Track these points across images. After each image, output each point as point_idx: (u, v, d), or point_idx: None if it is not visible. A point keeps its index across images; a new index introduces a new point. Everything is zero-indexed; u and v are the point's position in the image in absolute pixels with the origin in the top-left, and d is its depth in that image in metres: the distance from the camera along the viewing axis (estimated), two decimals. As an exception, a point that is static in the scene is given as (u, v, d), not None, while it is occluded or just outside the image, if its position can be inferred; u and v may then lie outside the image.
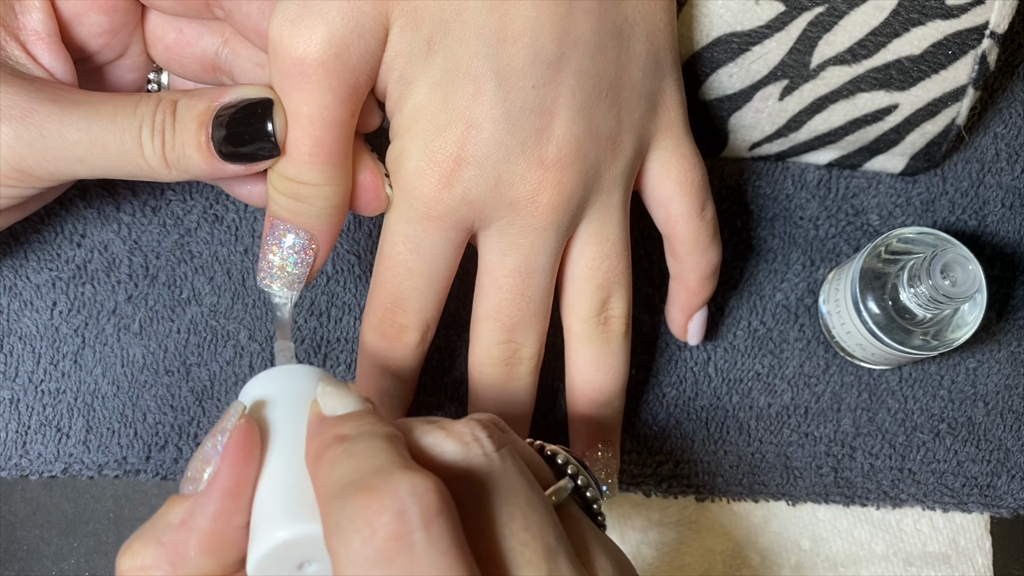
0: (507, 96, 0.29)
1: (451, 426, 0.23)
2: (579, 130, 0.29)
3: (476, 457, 0.23)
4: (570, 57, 0.29)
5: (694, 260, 0.34)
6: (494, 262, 0.31)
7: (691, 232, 0.33)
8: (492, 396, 0.33)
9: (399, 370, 0.33)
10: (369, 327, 0.32)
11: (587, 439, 0.35)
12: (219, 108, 0.28)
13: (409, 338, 0.32)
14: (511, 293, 0.31)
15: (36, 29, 0.29)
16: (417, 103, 0.29)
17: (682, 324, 0.36)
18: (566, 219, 0.30)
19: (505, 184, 0.29)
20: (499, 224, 0.30)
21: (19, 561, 0.36)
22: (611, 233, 0.32)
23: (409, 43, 0.28)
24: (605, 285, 0.32)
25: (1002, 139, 0.40)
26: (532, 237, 0.30)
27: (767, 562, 0.38)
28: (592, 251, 0.32)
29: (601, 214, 0.31)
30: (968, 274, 0.33)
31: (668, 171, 0.33)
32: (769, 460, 0.38)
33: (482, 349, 0.32)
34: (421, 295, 0.31)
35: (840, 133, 0.37)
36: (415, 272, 0.31)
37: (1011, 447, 0.39)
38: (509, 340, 0.32)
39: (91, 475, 0.36)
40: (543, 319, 0.32)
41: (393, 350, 0.32)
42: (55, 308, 0.36)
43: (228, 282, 0.37)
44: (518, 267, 0.31)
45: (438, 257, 0.31)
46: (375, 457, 0.21)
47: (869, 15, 0.33)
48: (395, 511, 0.20)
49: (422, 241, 0.30)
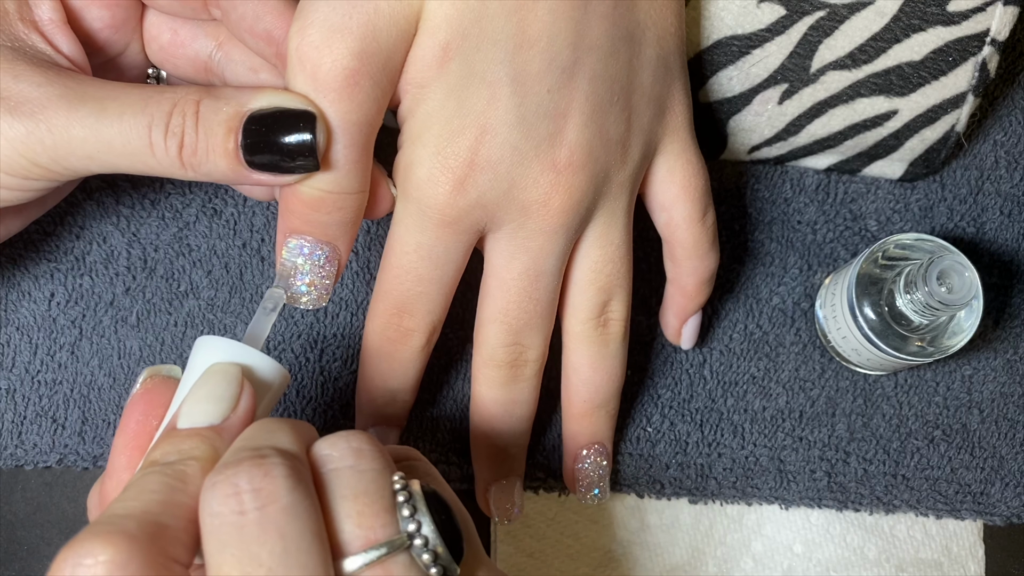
0: (522, 101, 0.29)
1: (219, 474, 0.21)
2: (591, 134, 0.29)
3: (228, 515, 0.20)
4: (584, 62, 0.29)
5: (692, 265, 0.34)
6: (502, 265, 0.31)
7: (691, 237, 0.33)
8: (496, 398, 0.33)
9: (403, 373, 0.33)
10: (373, 331, 0.32)
11: (581, 441, 0.35)
12: (250, 114, 0.27)
13: (415, 341, 0.32)
14: (519, 296, 0.31)
15: (51, 18, 0.29)
16: (430, 109, 0.29)
17: (676, 328, 0.36)
18: (575, 222, 0.30)
19: (518, 188, 0.29)
20: (510, 227, 0.30)
21: (19, 561, 0.36)
22: (615, 237, 0.32)
23: (425, 48, 0.28)
24: (607, 288, 0.32)
25: (1001, 147, 0.40)
26: (542, 240, 0.30)
27: (760, 566, 0.38)
28: (596, 254, 0.32)
29: (607, 218, 0.31)
30: (964, 281, 0.33)
31: (673, 175, 0.33)
32: (763, 463, 0.38)
33: (487, 351, 0.32)
34: (430, 299, 0.31)
35: (839, 138, 0.37)
36: (425, 278, 0.31)
37: (1005, 455, 0.39)
38: (515, 343, 0.32)
39: (86, 466, 0.36)
40: (548, 322, 0.32)
41: (397, 353, 0.32)
42: (53, 299, 0.36)
43: (226, 276, 0.37)
44: (527, 270, 0.31)
45: (449, 262, 0.31)
46: (135, 501, 0.21)
47: (870, 20, 0.33)
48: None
49: (435, 248, 0.30)
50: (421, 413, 0.37)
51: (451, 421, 0.37)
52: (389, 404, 0.34)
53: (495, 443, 0.34)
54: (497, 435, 0.34)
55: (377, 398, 0.33)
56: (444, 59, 0.28)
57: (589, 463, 0.35)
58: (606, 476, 0.35)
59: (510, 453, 0.34)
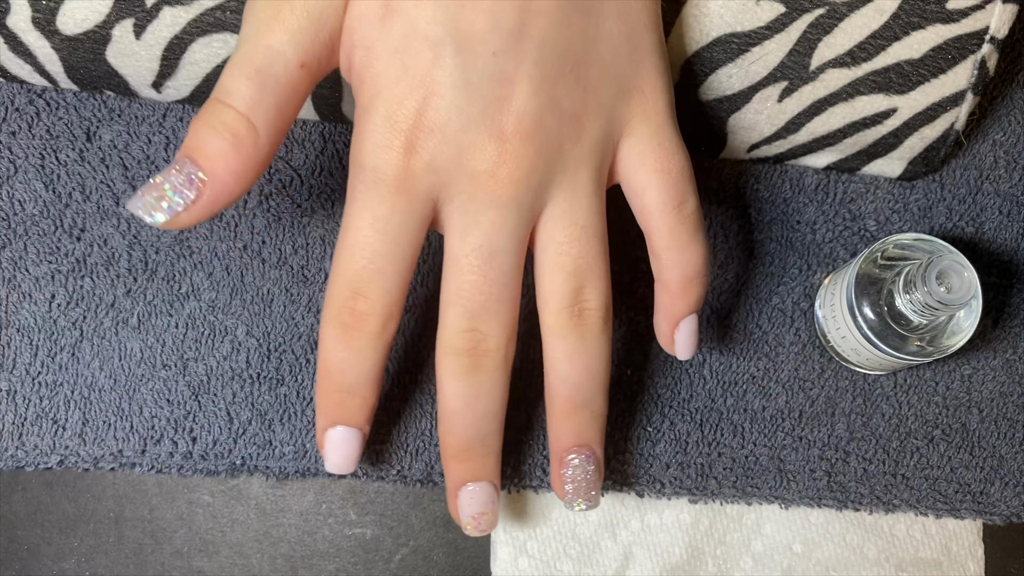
0: (466, 63, 0.28)
1: None
2: (541, 103, 0.29)
3: None
4: (532, 26, 0.28)
5: (672, 258, 0.32)
6: (456, 242, 0.30)
7: (666, 225, 0.31)
8: (456, 391, 0.31)
9: (360, 364, 0.31)
10: (327, 318, 0.30)
11: (563, 444, 0.32)
12: None
13: (370, 326, 0.30)
14: (473, 275, 0.30)
15: None
16: (377, 71, 0.28)
17: (668, 334, 0.34)
18: (528, 196, 0.29)
19: (467, 155, 0.29)
20: (460, 199, 0.29)
21: (20, 560, 0.36)
22: (580, 217, 0.30)
23: (367, 6, 0.28)
24: (576, 273, 0.30)
25: (1001, 146, 0.40)
26: (492, 214, 0.29)
27: (759, 565, 0.38)
28: (560, 235, 0.30)
29: (568, 196, 0.30)
30: (964, 281, 0.33)
31: (644, 159, 0.31)
32: (763, 463, 0.38)
33: (447, 337, 0.30)
34: (385, 278, 0.29)
35: (839, 136, 0.37)
36: (380, 252, 0.29)
37: (1005, 454, 0.39)
38: (472, 328, 0.30)
39: (87, 467, 0.36)
40: (510, 309, 0.30)
41: (353, 340, 0.30)
42: (54, 301, 0.37)
43: (227, 278, 0.37)
44: (480, 246, 0.29)
45: (404, 235, 0.29)
46: None
47: (869, 18, 0.33)
48: None
49: (390, 220, 0.29)
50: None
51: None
52: (348, 399, 0.31)
53: (458, 440, 0.32)
54: (460, 432, 0.31)
55: (335, 393, 0.31)
56: (386, 16, 0.28)
57: (573, 469, 0.32)
58: (595, 484, 0.33)
59: (475, 452, 0.32)
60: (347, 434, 0.32)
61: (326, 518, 0.38)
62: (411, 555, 0.38)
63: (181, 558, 0.37)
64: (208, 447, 0.36)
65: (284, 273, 0.37)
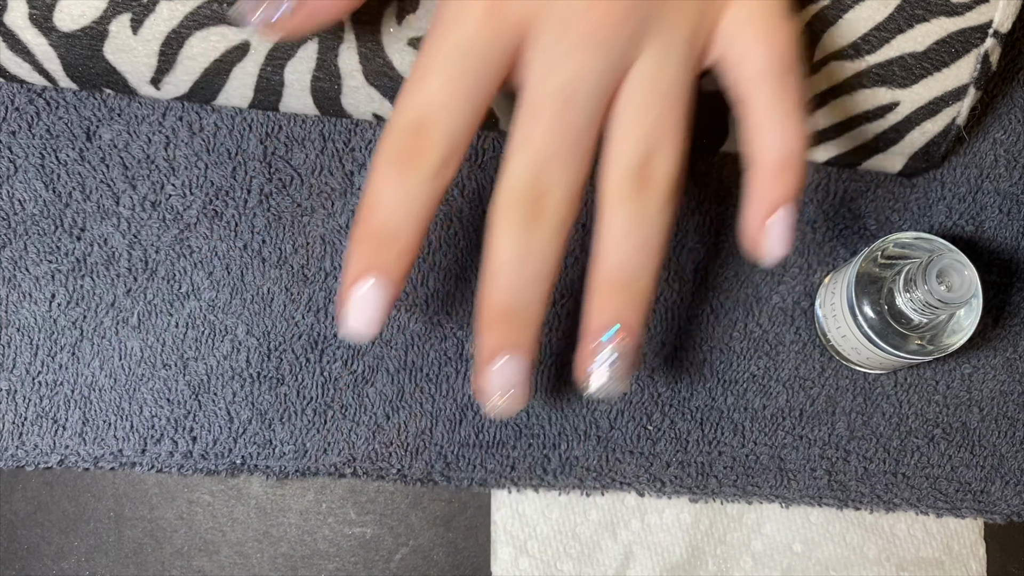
0: None
1: None
2: None
3: None
4: None
5: (771, 131, 0.29)
6: (535, 84, 0.27)
7: (767, 94, 0.28)
8: (509, 245, 0.28)
9: (408, 204, 0.27)
10: (379, 154, 0.27)
11: (592, 324, 0.29)
12: None
13: (430, 161, 0.27)
14: (548, 118, 0.27)
15: None
16: None
17: (758, 226, 0.29)
18: (618, 43, 0.27)
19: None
20: (548, 38, 0.27)
21: (19, 560, 0.36)
22: (668, 75, 0.28)
23: None
24: (651, 135, 0.28)
25: (1001, 145, 0.40)
26: (580, 56, 0.27)
27: (759, 564, 0.38)
28: (641, 95, 0.28)
29: (658, 56, 0.28)
30: (964, 279, 0.33)
31: (749, 24, 0.28)
32: (763, 462, 0.38)
33: (506, 186, 0.28)
34: (456, 110, 0.27)
35: (840, 129, 0.37)
36: (454, 76, 0.27)
37: (1005, 453, 0.39)
38: (537, 176, 0.27)
39: (87, 467, 0.36)
40: (579, 166, 0.28)
41: (405, 176, 0.27)
42: (54, 300, 0.37)
43: (227, 277, 0.37)
44: (560, 89, 0.27)
45: (483, 65, 0.27)
46: None
47: (874, 10, 0.33)
48: None
49: (473, 44, 0.27)
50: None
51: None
52: (386, 247, 0.28)
53: (499, 302, 0.28)
54: (502, 292, 0.28)
55: (372, 238, 0.28)
56: None
57: (603, 352, 0.29)
58: (630, 368, 0.29)
59: (515, 318, 0.28)
60: (377, 287, 0.28)
61: (326, 517, 0.38)
62: (411, 555, 0.38)
63: (181, 557, 0.37)
64: (208, 446, 0.36)
65: (284, 272, 0.37)
